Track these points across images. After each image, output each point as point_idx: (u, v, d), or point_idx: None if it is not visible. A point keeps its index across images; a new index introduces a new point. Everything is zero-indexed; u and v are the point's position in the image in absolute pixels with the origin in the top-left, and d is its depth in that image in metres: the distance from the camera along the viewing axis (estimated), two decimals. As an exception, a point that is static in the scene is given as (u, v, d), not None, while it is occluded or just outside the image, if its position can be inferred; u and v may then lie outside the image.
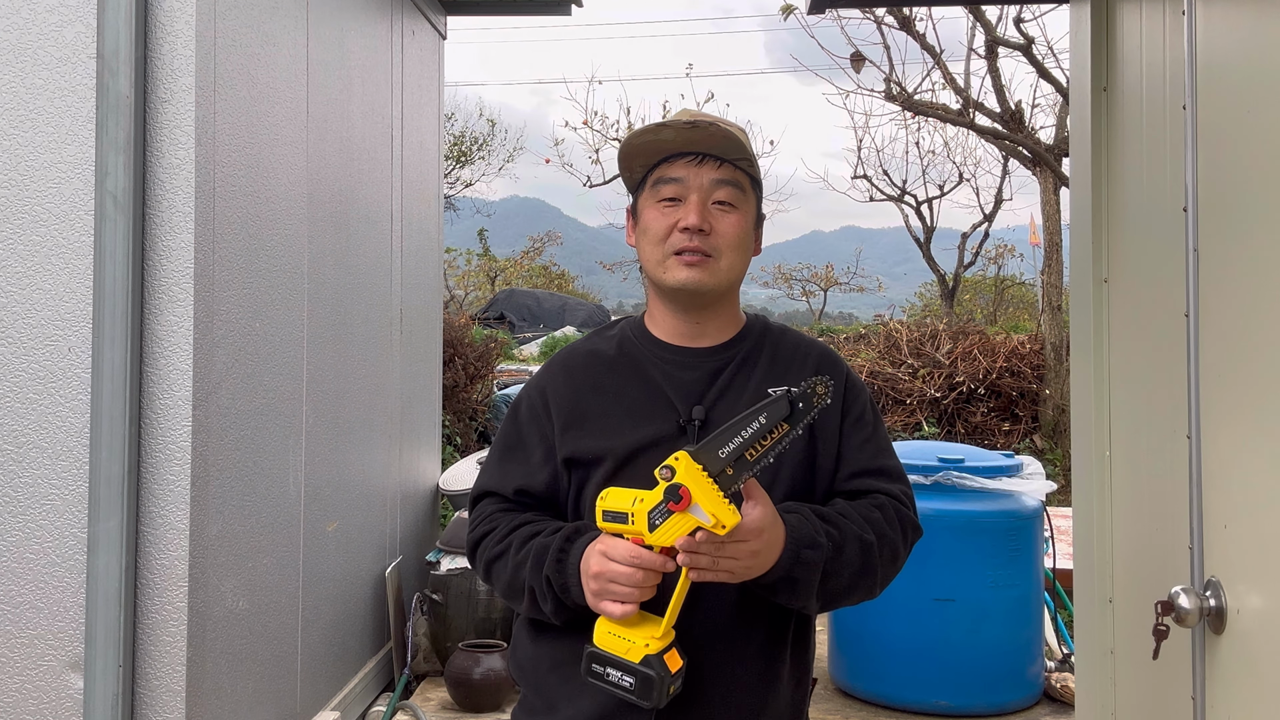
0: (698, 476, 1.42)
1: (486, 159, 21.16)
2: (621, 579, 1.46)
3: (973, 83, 11.01)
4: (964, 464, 4.21)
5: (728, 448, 1.43)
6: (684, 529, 1.43)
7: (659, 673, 1.46)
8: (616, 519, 1.49)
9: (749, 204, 1.70)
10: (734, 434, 1.44)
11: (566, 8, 5.15)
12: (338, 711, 3.61)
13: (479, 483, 1.77)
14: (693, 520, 1.42)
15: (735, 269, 1.68)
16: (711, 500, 1.41)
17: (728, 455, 1.43)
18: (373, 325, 4.14)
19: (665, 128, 1.67)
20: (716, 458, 1.43)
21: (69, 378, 2.53)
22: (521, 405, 1.75)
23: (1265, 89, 1.64)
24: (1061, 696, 4.24)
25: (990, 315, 18.66)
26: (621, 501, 1.49)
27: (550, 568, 1.56)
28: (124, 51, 2.46)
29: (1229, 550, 1.72)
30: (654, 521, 1.45)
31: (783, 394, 1.44)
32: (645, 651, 1.47)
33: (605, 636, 1.51)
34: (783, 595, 1.54)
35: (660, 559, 1.45)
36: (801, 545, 1.51)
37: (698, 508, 1.41)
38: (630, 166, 1.76)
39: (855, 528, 1.59)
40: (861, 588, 1.60)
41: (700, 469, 1.42)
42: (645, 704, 1.46)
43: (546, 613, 1.60)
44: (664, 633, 1.49)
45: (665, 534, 1.44)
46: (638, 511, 1.46)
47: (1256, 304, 1.65)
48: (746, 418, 1.44)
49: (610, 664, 1.49)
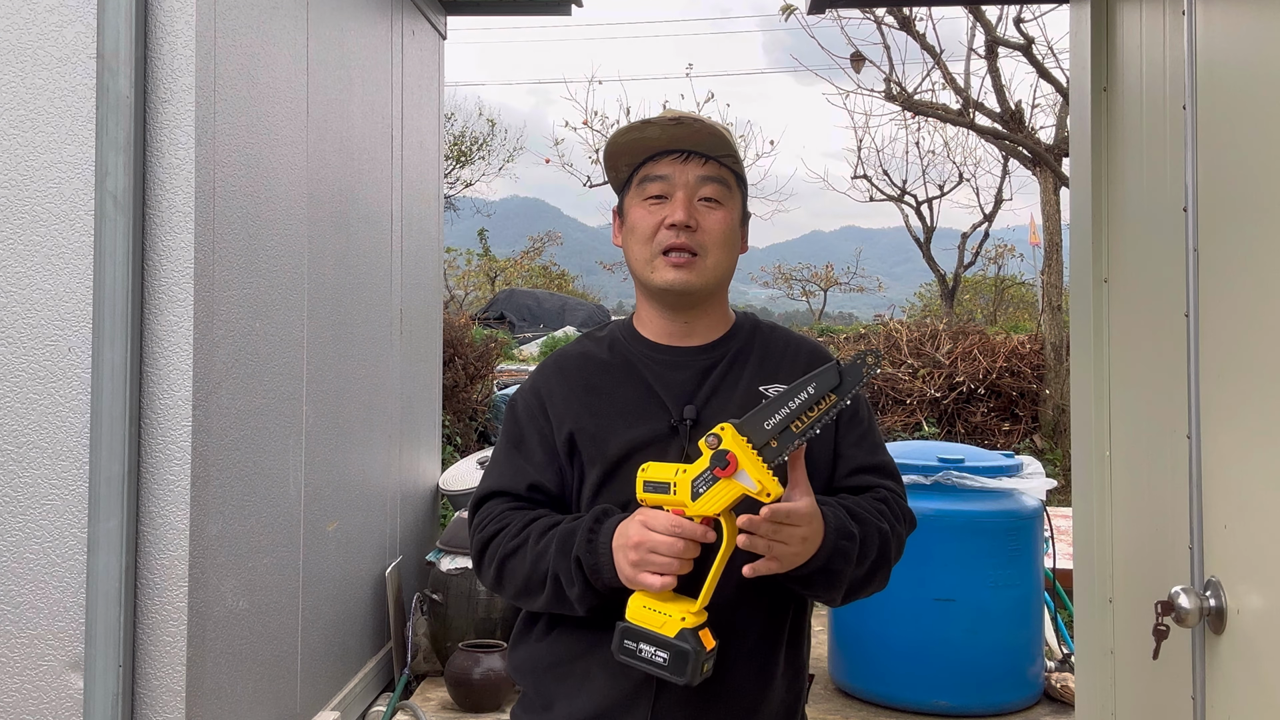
0: (744, 446, 1.42)
1: (486, 159, 21.17)
2: (663, 549, 1.45)
3: (973, 83, 11.03)
4: (964, 464, 4.21)
5: (774, 419, 1.44)
6: (730, 496, 1.43)
7: (694, 647, 1.45)
8: (658, 489, 1.48)
9: (735, 201, 1.70)
10: (780, 405, 1.44)
11: (566, 8, 5.15)
12: (338, 711, 3.61)
13: (484, 485, 1.74)
14: (739, 487, 1.42)
15: (722, 266, 1.68)
16: (758, 468, 1.42)
17: (773, 427, 1.43)
18: (373, 325, 4.14)
19: (650, 125, 1.67)
20: (762, 429, 1.44)
21: (69, 378, 2.53)
22: (519, 406, 1.74)
23: (1265, 89, 1.64)
24: (1061, 696, 4.24)
25: (990, 315, 18.67)
26: (664, 473, 1.49)
27: (581, 548, 1.54)
28: (124, 51, 2.46)
29: (1229, 550, 1.72)
30: (697, 490, 1.44)
31: (832, 364, 1.46)
32: (681, 625, 1.45)
33: (640, 611, 1.49)
34: (818, 586, 1.55)
35: (701, 529, 1.45)
36: (840, 536, 1.52)
37: (744, 474, 1.42)
38: (616, 166, 1.76)
39: (875, 520, 1.61)
40: (879, 579, 1.62)
41: (745, 440, 1.43)
42: (679, 679, 1.45)
43: (572, 598, 1.56)
44: (699, 609, 1.48)
45: (709, 502, 1.44)
46: (680, 481, 1.46)
47: (1256, 304, 1.65)
48: (794, 389, 1.45)
49: (644, 639, 1.48)
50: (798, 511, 1.45)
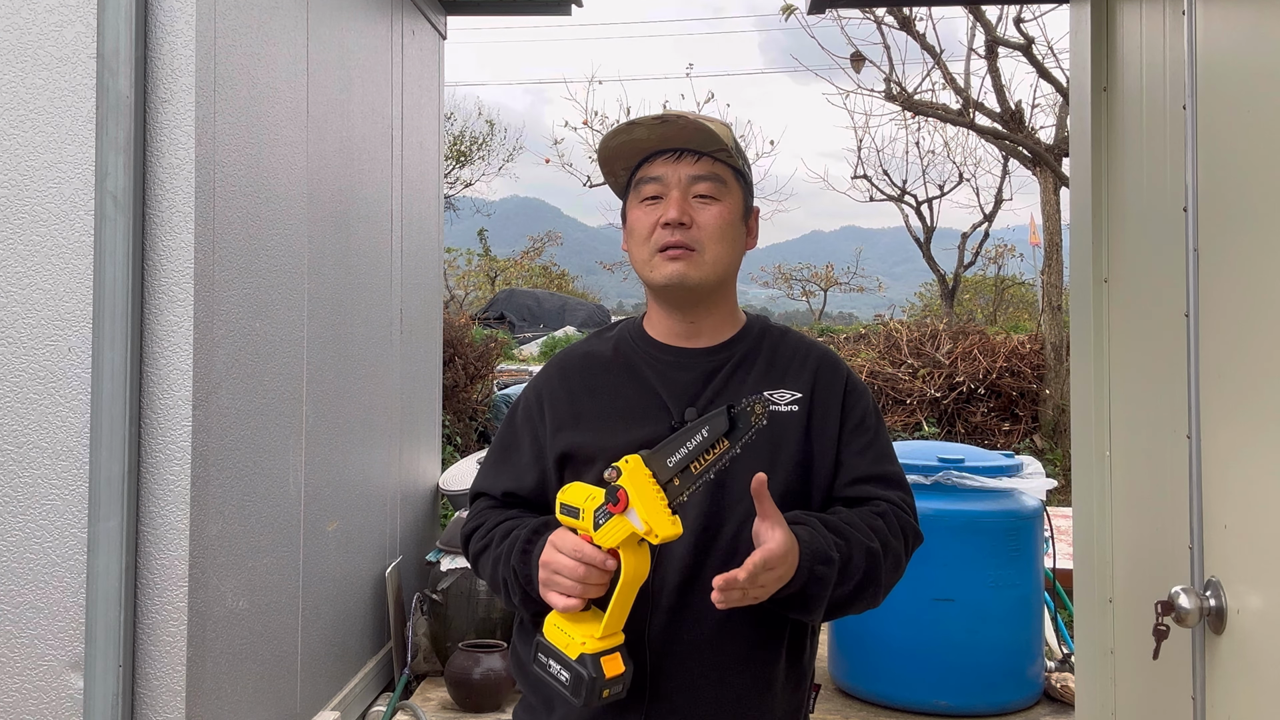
0: (644, 482, 1.40)
1: (486, 159, 21.18)
2: (565, 571, 1.46)
3: (973, 83, 11.03)
4: (964, 464, 4.21)
5: (675, 457, 1.42)
6: (623, 533, 1.41)
7: (590, 673, 1.44)
8: (570, 513, 1.49)
9: (732, 195, 1.69)
10: (680, 444, 1.43)
11: (566, 8, 5.15)
12: (338, 711, 3.61)
13: (474, 483, 1.80)
14: (629, 525, 1.40)
15: (722, 261, 1.67)
16: (651, 508, 1.39)
17: (675, 465, 1.42)
18: (373, 325, 4.14)
19: (636, 125, 1.67)
20: (665, 466, 1.42)
21: (69, 378, 2.53)
22: (518, 408, 1.76)
23: (1265, 89, 1.64)
24: (1061, 696, 4.24)
25: (990, 315, 18.67)
26: (577, 497, 1.49)
27: (516, 559, 1.58)
28: (124, 51, 2.46)
29: (1229, 550, 1.72)
30: (598, 521, 1.44)
31: (722, 410, 1.43)
32: (581, 649, 1.46)
33: (551, 629, 1.51)
34: (794, 609, 1.53)
35: (600, 556, 1.44)
36: (816, 561, 1.49)
37: (633, 513, 1.39)
38: (613, 171, 1.76)
39: (862, 537, 1.56)
40: (866, 597, 1.58)
41: (649, 475, 1.41)
42: (575, 701, 1.46)
43: (516, 604, 1.61)
44: (604, 633, 1.46)
45: (607, 535, 1.43)
46: (586, 509, 1.46)
47: (1256, 304, 1.65)
48: (691, 429, 1.43)
49: (552, 656, 1.49)
50: (773, 555, 1.42)
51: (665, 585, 1.58)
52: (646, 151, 1.70)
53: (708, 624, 1.57)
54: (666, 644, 1.57)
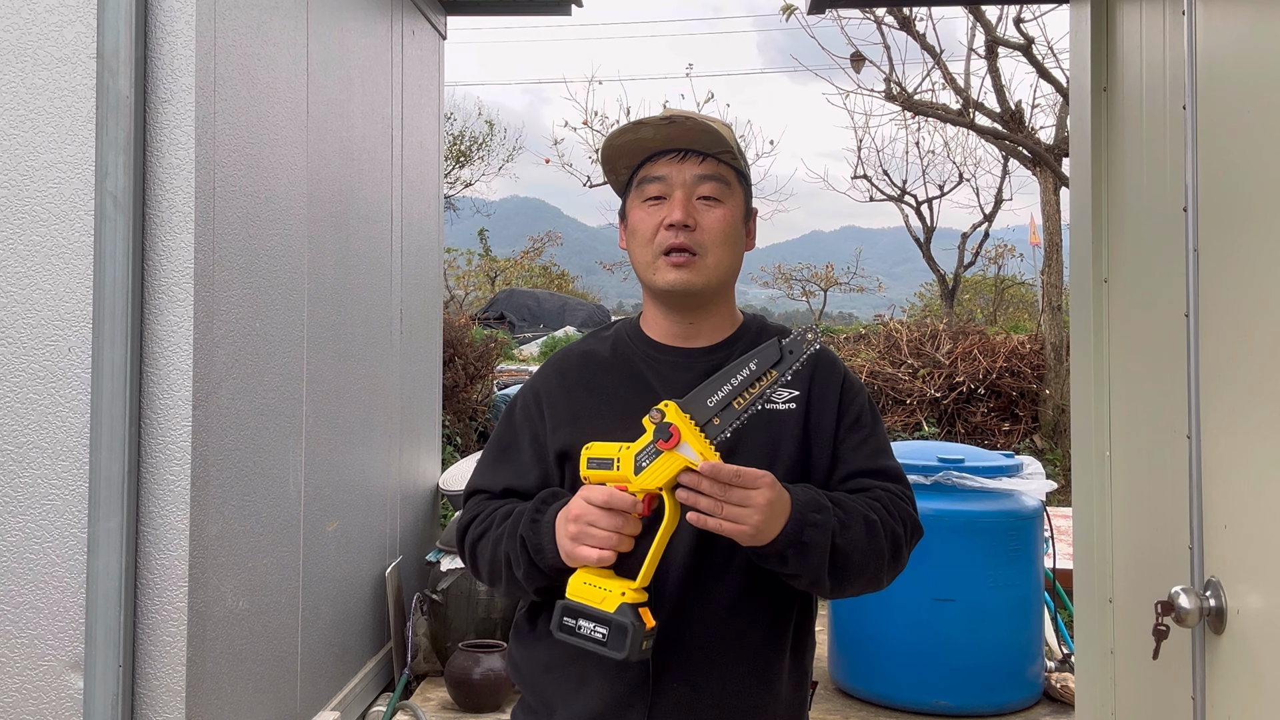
0: (687, 421, 1.44)
1: (485, 159, 21.18)
2: (600, 521, 1.45)
3: (973, 83, 11.01)
4: (964, 464, 4.21)
5: (716, 395, 1.45)
6: (673, 469, 1.43)
7: (633, 621, 1.43)
8: (602, 465, 1.49)
9: (735, 198, 1.69)
10: (723, 382, 1.45)
11: (566, 8, 5.15)
12: (338, 711, 3.61)
13: (470, 482, 1.78)
14: (681, 459, 1.43)
15: (724, 265, 1.67)
16: (700, 441, 1.43)
17: (716, 404, 1.45)
18: (373, 325, 4.14)
19: (643, 125, 1.66)
20: (704, 407, 1.45)
21: (69, 378, 2.53)
22: (516, 406, 1.76)
23: (1265, 89, 1.64)
24: (1061, 696, 4.24)
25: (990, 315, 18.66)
26: (607, 450, 1.50)
27: (525, 528, 1.56)
28: (124, 51, 2.46)
29: (1229, 550, 1.72)
30: (640, 464, 1.45)
31: (774, 340, 1.46)
32: (621, 600, 1.44)
33: (580, 588, 1.48)
34: (794, 564, 1.49)
35: (631, 499, 1.45)
36: (807, 509, 1.49)
37: (686, 446, 1.42)
38: (615, 169, 1.76)
39: (860, 507, 1.58)
40: (870, 570, 1.56)
41: (688, 417, 1.44)
42: (617, 655, 1.43)
43: (519, 579, 1.59)
44: (639, 587, 1.46)
45: (652, 476, 1.44)
46: (623, 457, 1.47)
47: (1256, 304, 1.65)
48: (736, 366, 1.45)
49: (583, 615, 1.46)
50: (749, 472, 1.43)
51: (667, 584, 1.57)
52: (650, 151, 1.69)
53: (711, 622, 1.58)
54: (669, 642, 1.57)
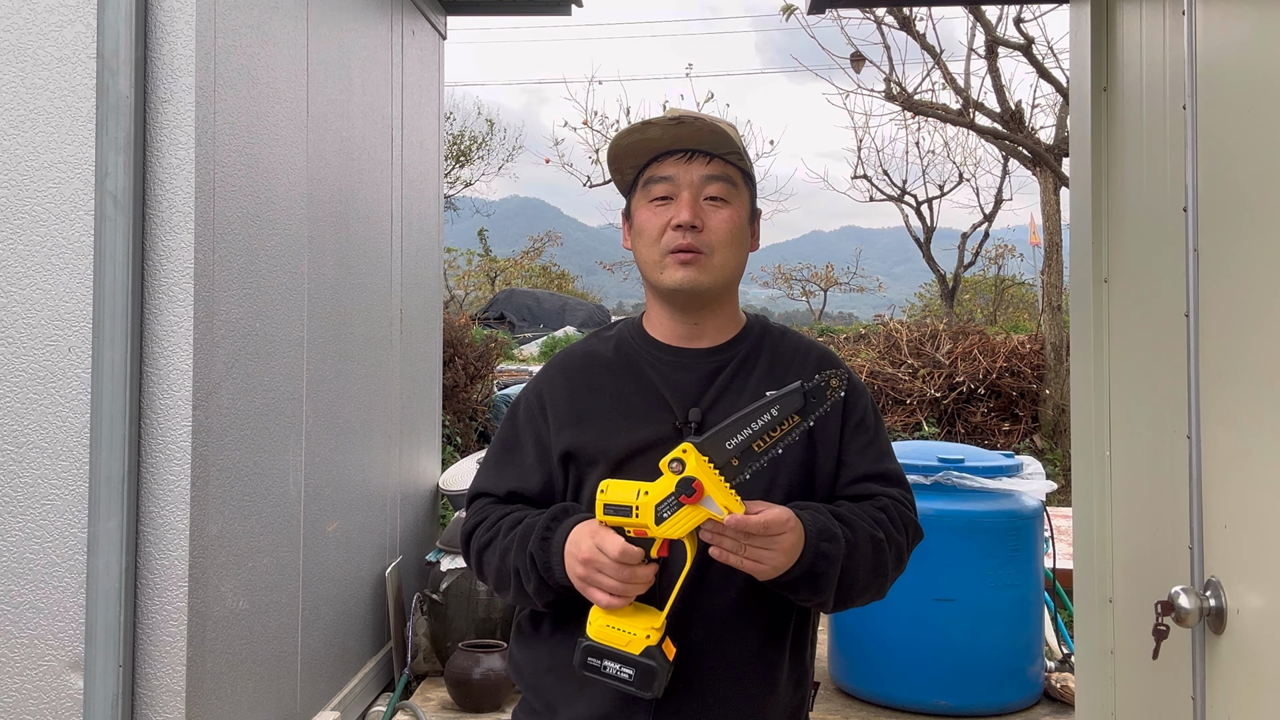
0: (705, 469, 1.42)
1: (486, 159, 21.18)
2: (610, 573, 1.47)
3: (973, 83, 11.01)
4: (964, 464, 4.21)
5: (736, 439, 1.44)
6: (694, 521, 1.43)
7: (660, 664, 1.46)
8: (619, 512, 1.48)
9: (741, 199, 1.69)
10: (744, 425, 1.44)
11: (566, 8, 5.15)
12: (338, 711, 3.61)
13: (474, 484, 1.77)
14: (704, 513, 1.42)
15: (730, 265, 1.67)
16: (721, 492, 1.42)
17: (735, 447, 1.44)
18: (373, 325, 4.14)
19: (651, 125, 1.66)
20: (723, 449, 1.44)
21: (69, 378, 2.53)
22: (519, 408, 1.75)
23: (1265, 89, 1.64)
24: (1061, 696, 4.24)
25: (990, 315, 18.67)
26: (625, 495, 1.48)
27: (535, 545, 1.56)
28: (124, 51, 2.46)
29: (1229, 550, 1.72)
30: (661, 514, 1.44)
31: (797, 386, 1.45)
32: (646, 643, 1.46)
33: (603, 629, 1.50)
34: (804, 591, 1.53)
35: (646, 572, 1.47)
36: (821, 539, 1.50)
37: (710, 500, 1.42)
38: (620, 169, 1.75)
39: (866, 525, 1.59)
40: (874, 586, 1.60)
41: (706, 460, 1.43)
42: (646, 695, 1.47)
43: (529, 593, 1.59)
44: (662, 624, 1.49)
45: (673, 527, 1.44)
46: (643, 505, 1.46)
47: (1256, 304, 1.65)
48: (758, 409, 1.44)
49: (608, 656, 1.49)
50: (775, 520, 1.44)
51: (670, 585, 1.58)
52: (657, 151, 1.69)
53: (715, 624, 1.58)
54: (674, 644, 1.57)
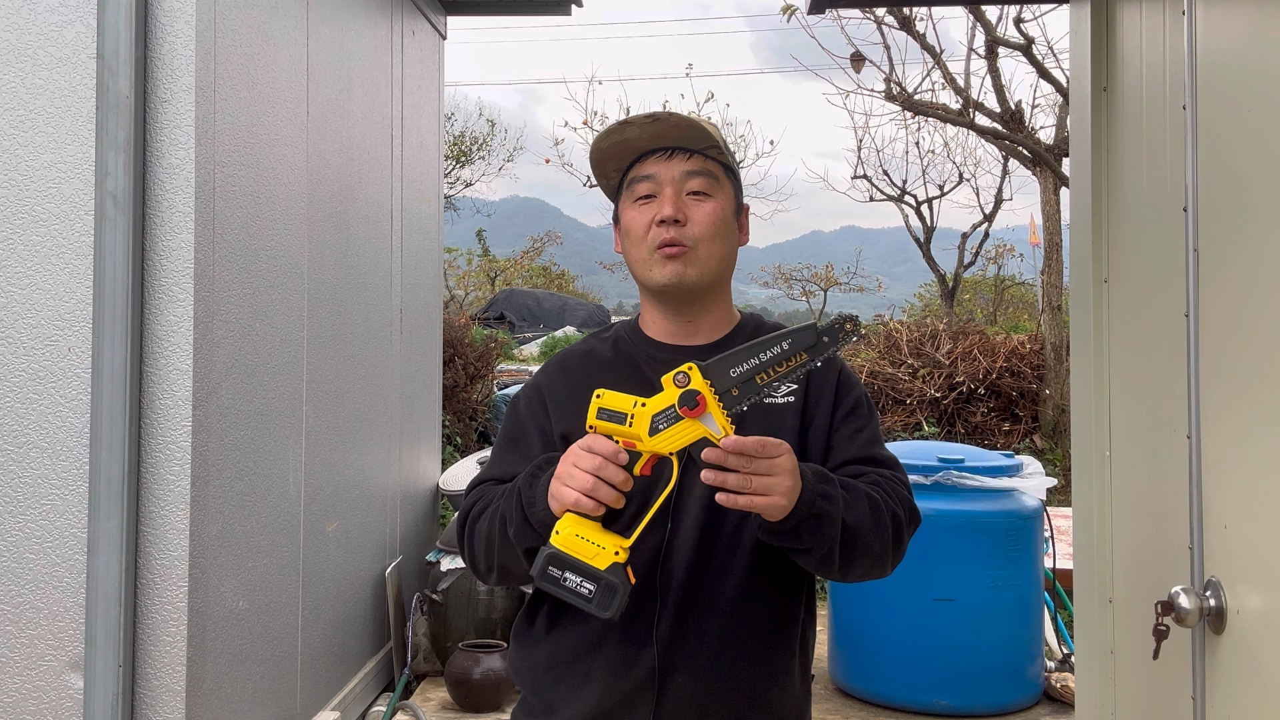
0: (707, 389, 1.40)
1: (486, 159, 21.17)
2: (586, 465, 1.42)
3: (973, 83, 11.00)
4: (964, 464, 4.21)
5: (741, 368, 1.41)
6: (690, 437, 1.40)
7: (623, 584, 1.40)
8: (613, 418, 1.43)
9: (724, 192, 1.70)
10: (751, 355, 1.42)
11: (566, 8, 5.15)
12: (338, 711, 3.61)
13: (481, 474, 1.77)
14: (701, 429, 1.39)
15: (716, 257, 1.68)
16: (720, 414, 1.40)
17: (739, 375, 1.41)
18: (373, 325, 4.14)
19: (628, 125, 1.68)
20: (726, 376, 1.41)
21: (69, 378, 2.53)
22: (520, 402, 1.76)
23: (1265, 89, 1.64)
24: (1061, 696, 4.24)
25: (990, 315, 18.66)
26: (621, 403, 1.44)
27: (523, 481, 1.55)
28: (124, 51, 2.46)
29: (1229, 550, 1.72)
30: (657, 425, 1.41)
31: (810, 324, 1.43)
32: (614, 560, 1.41)
33: (571, 539, 1.42)
34: (808, 537, 1.48)
35: (623, 475, 1.41)
36: (817, 481, 1.49)
37: (710, 418, 1.39)
38: (605, 173, 1.77)
39: (861, 484, 1.58)
40: (876, 548, 1.55)
41: (708, 384, 1.40)
42: (602, 614, 1.40)
43: (510, 538, 1.55)
44: (630, 544, 1.43)
45: (667, 440, 1.40)
46: (639, 414, 1.42)
47: (1256, 304, 1.65)
48: (769, 341, 1.42)
49: (571, 568, 1.41)
50: (770, 440, 1.41)
51: (672, 579, 1.58)
52: (638, 151, 1.70)
53: (717, 616, 1.58)
54: (675, 638, 1.57)
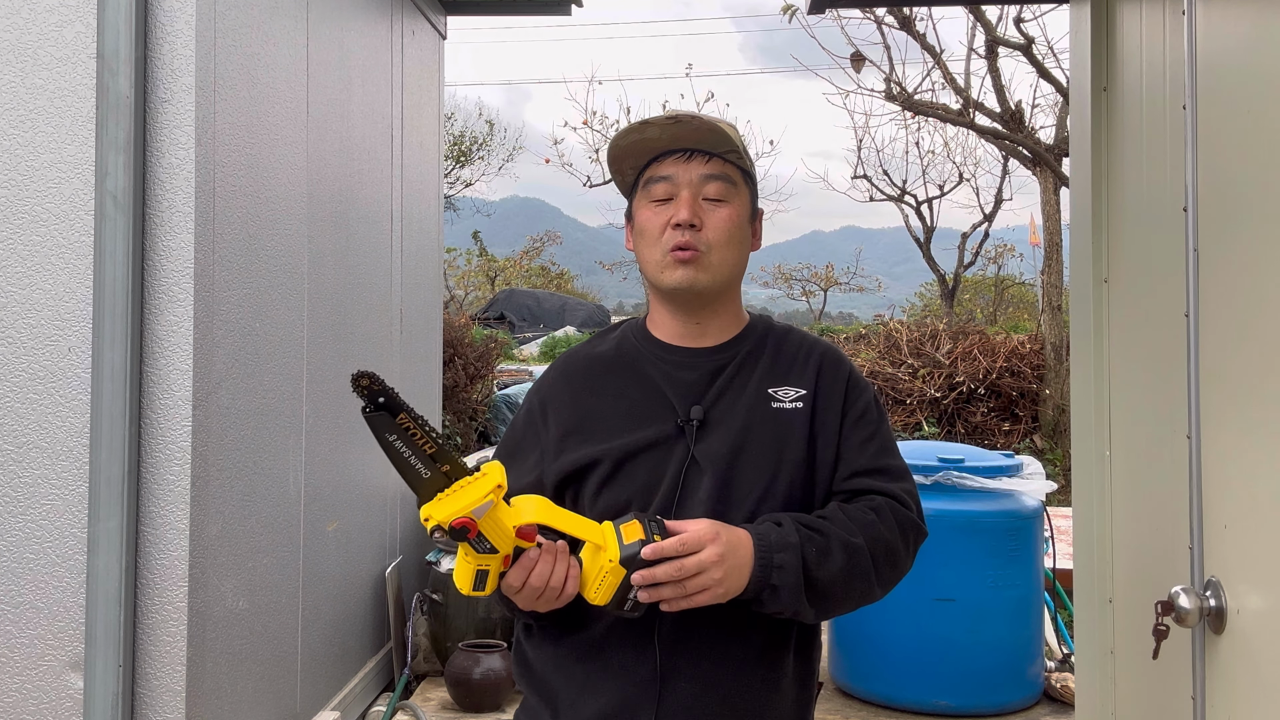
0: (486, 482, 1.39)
1: (486, 159, 21.18)
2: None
3: (973, 83, 11.00)
4: (964, 464, 4.21)
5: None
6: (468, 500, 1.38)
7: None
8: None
9: (741, 197, 1.69)
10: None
11: (566, 8, 5.15)
12: (338, 711, 3.61)
13: None
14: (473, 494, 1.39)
15: (729, 264, 1.67)
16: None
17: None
18: (373, 325, 4.14)
19: (649, 125, 1.66)
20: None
21: (69, 378, 2.53)
22: (521, 413, 1.75)
23: (1265, 89, 1.64)
24: (1061, 696, 4.24)
25: (990, 315, 18.67)
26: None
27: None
28: (124, 51, 2.46)
29: (1229, 550, 1.72)
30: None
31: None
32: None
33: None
34: (769, 605, 1.51)
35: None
36: (772, 551, 1.48)
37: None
38: (621, 170, 1.76)
39: (841, 531, 1.55)
40: (856, 593, 1.55)
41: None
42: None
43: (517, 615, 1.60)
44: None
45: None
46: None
47: (1256, 304, 1.65)
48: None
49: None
50: (690, 537, 1.44)
51: None
52: (656, 151, 1.69)
53: (718, 621, 1.57)
54: (677, 643, 1.56)
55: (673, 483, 1.59)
